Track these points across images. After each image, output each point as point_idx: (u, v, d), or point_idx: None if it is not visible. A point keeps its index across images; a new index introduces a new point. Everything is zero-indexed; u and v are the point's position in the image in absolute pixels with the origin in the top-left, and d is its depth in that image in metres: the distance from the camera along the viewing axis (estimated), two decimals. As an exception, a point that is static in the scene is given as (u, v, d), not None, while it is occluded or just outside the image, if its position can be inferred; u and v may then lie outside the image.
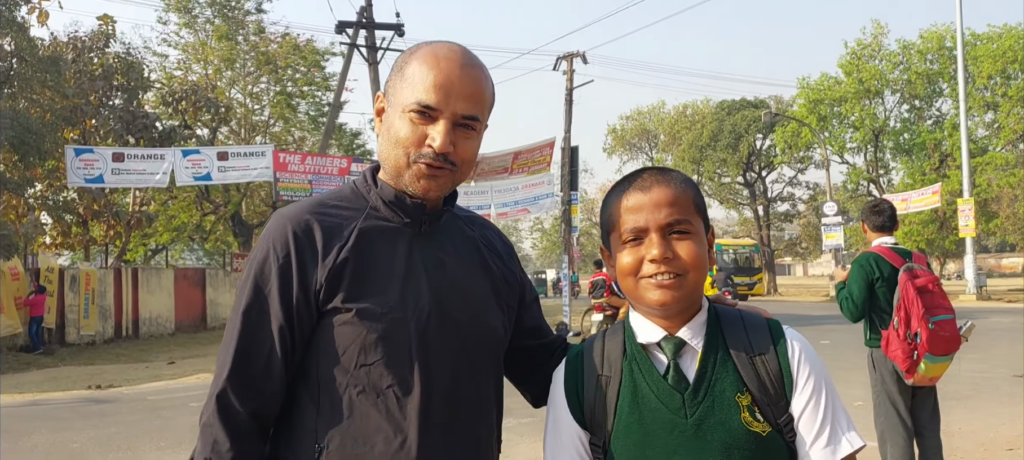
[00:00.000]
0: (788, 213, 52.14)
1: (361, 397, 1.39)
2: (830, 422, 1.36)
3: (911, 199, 31.52)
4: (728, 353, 1.39)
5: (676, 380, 1.38)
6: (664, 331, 1.41)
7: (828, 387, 1.39)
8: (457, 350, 1.45)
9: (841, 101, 39.33)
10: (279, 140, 31.80)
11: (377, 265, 1.43)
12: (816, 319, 22.13)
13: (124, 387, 12.30)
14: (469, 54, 1.48)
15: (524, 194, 20.58)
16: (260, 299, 1.40)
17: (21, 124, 18.46)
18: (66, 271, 20.86)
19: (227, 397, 1.38)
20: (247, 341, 1.40)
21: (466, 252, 1.55)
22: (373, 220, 1.47)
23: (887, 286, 4.56)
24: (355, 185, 1.54)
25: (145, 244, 34.05)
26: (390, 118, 1.46)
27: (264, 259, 1.42)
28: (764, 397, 1.37)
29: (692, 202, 1.42)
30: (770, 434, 1.35)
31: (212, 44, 31.15)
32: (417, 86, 1.43)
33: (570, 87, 25.90)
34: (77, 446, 7.70)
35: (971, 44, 35.40)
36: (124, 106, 23.96)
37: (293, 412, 1.43)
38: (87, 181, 18.24)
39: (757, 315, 1.48)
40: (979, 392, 8.91)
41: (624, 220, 1.41)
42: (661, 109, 56.47)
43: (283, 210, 1.48)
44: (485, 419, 1.52)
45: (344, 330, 1.40)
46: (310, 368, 1.43)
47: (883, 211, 4.86)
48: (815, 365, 1.40)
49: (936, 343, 4.29)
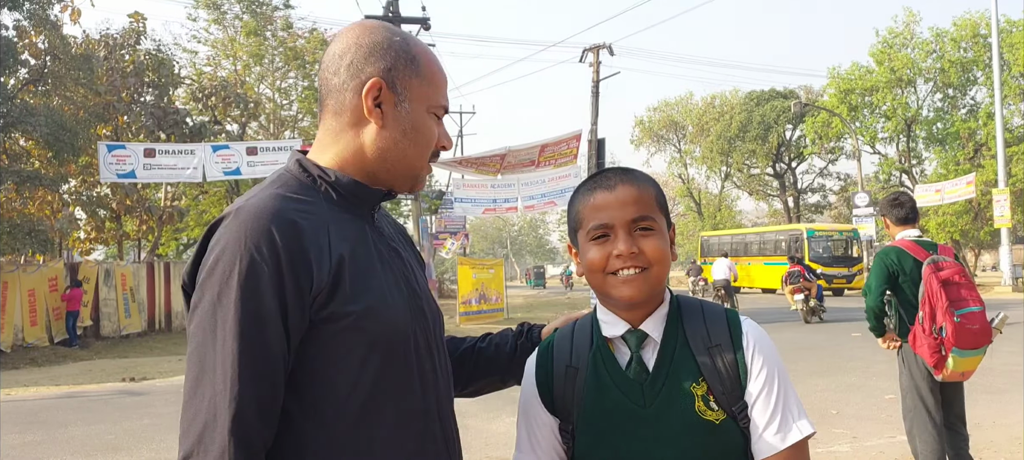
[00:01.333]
0: (819, 204, 51.58)
1: (363, 406, 1.29)
2: (781, 410, 1.42)
3: (945, 189, 31.03)
4: (686, 344, 1.46)
5: (637, 371, 1.45)
6: (628, 325, 1.48)
7: (781, 376, 1.45)
8: (432, 341, 1.45)
9: (872, 90, 38.77)
10: (307, 135, 32.02)
11: (364, 262, 1.34)
12: (847, 312, 21.89)
13: (157, 379, 12.50)
14: None
15: (551, 187, 20.53)
16: (254, 312, 1.21)
17: (55, 121, 18.78)
18: (101, 266, 21.21)
19: (244, 423, 1.18)
20: (250, 361, 1.20)
21: (402, 241, 1.54)
22: (333, 212, 1.35)
23: (911, 280, 4.49)
24: (294, 175, 1.39)
25: (177, 239, 34.46)
26: (413, 115, 1.41)
27: (249, 265, 1.21)
28: (719, 386, 1.43)
29: (654, 200, 1.48)
30: (724, 422, 1.42)
31: (241, 40, 31.44)
32: (439, 88, 1.45)
33: (596, 79, 25.81)
34: (111, 437, 7.84)
35: (1007, 31, 34.68)
36: (155, 102, 24.28)
37: (286, 432, 1.26)
38: (119, 176, 18.53)
39: (717, 305, 1.55)
40: (1014, 385, 8.76)
41: (591, 218, 1.48)
42: (689, 100, 56.04)
43: (251, 207, 1.27)
44: (453, 400, 1.53)
45: (342, 336, 1.28)
46: (302, 382, 1.27)
47: (903, 203, 4.77)
48: (769, 355, 1.46)
49: (963, 336, 4.17)
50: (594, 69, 25.99)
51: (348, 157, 1.40)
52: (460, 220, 33.66)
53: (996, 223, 29.66)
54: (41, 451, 7.39)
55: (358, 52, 1.40)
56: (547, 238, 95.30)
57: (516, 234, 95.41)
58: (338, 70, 1.41)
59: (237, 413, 1.18)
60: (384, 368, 1.31)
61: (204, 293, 1.24)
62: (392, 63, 1.40)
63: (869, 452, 6.24)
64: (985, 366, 4.88)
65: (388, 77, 1.39)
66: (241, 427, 1.18)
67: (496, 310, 23.54)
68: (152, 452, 7.15)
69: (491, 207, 21.25)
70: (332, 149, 1.41)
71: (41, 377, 13.26)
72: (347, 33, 1.45)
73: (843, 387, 9.23)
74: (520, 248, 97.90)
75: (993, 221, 30.23)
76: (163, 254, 31.52)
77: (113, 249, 30.03)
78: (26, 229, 19.23)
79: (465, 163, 21.21)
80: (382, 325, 1.31)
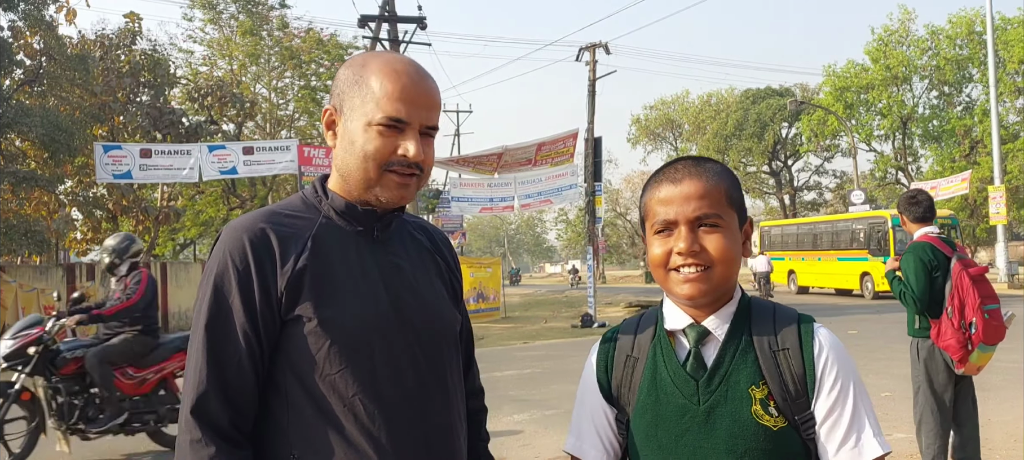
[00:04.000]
0: (815, 202, 51.69)
1: (329, 406, 1.41)
2: (855, 429, 1.36)
3: (940, 186, 31.08)
4: (751, 344, 1.41)
5: (694, 367, 1.41)
6: (691, 319, 1.44)
7: (856, 390, 1.38)
8: (417, 349, 1.50)
9: (868, 88, 38.86)
10: (304, 134, 32.03)
11: (335, 272, 1.46)
12: (843, 309, 21.94)
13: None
14: (420, 66, 1.53)
15: (548, 185, 20.54)
16: (223, 310, 1.40)
17: (51, 121, 18.76)
18: (97, 266, 21.19)
19: (205, 403, 1.37)
20: (216, 352, 1.39)
21: (418, 255, 1.61)
22: (327, 229, 1.49)
23: (942, 274, 4.52)
24: (304, 195, 1.56)
25: (173, 239, 34.46)
26: (352, 131, 1.47)
27: (223, 270, 1.41)
28: (783, 392, 1.37)
29: (725, 195, 1.42)
30: (783, 429, 1.36)
31: (237, 40, 31.42)
32: (382, 101, 1.46)
33: (593, 78, 25.80)
34: (108, 438, 7.81)
35: (1001, 28, 34.78)
36: (151, 102, 24.25)
37: (267, 422, 1.44)
38: (115, 177, 18.50)
39: (791, 311, 1.47)
40: (1012, 383, 8.78)
41: (655, 211, 1.44)
42: (685, 98, 56.13)
43: (235, 222, 1.48)
44: (455, 408, 1.57)
45: (307, 339, 1.42)
46: (278, 378, 1.43)
47: (921, 201, 4.81)
48: (843, 367, 1.39)
49: (990, 332, 4.29)
50: (591, 68, 25.99)
51: (335, 178, 1.55)
52: (457, 219, 33.65)
53: (991, 220, 29.74)
54: (37, 454, 7.36)
55: (332, 85, 1.56)
56: (544, 236, 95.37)
57: (514, 233, 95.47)
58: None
59: (199, 396, 1.37)
60: (346, 370, 1.42)
61: (197, 294, 1.46)
62: (342, 87, 1.51)
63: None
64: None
65: (337, 101, 1.52)
66: (201, 407, 1.37)
67: (493, 309, 23.55)
68: (151, 444, 7.14)
69: (488, 206, 21.26)
70: (332, 173, 1.57)
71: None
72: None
73: (840, 385, 9.21)
74: (517, 247, 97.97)
75: (989, 218, 30.31)
76: (160, 254, 31.51)
77: (109, 249, 29.97)
78: (22, 230, 19.23)
79: (462, 162, 21.21)
80: (342, 332, 1.42)
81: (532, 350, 14.96)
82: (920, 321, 4.67)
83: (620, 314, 23.39)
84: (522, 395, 8.81)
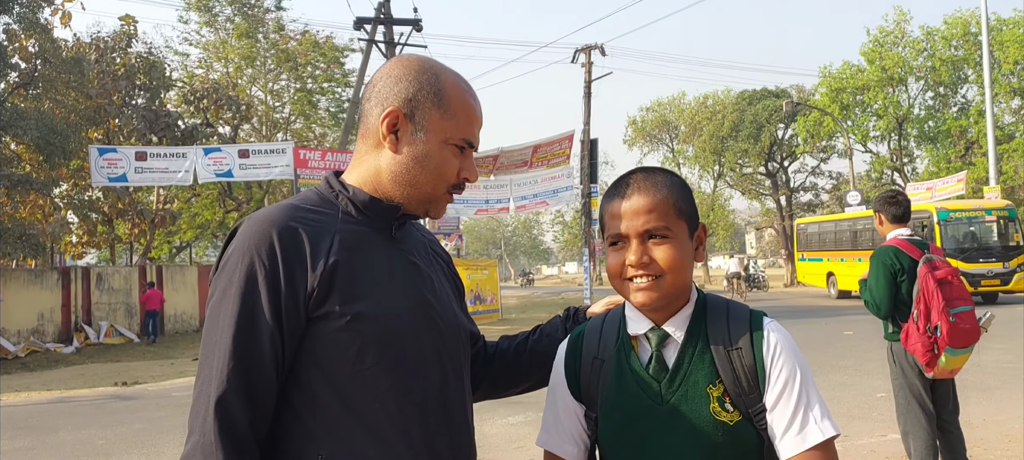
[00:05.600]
0: (811, 203, 51.64)
1: (359, 403, 1.40)
2: (802, 412, 1.42)
3: (936, 187, 31.10)
4: (707, 345, 1.48)
5: (657, 370, 1.49)
6: (651, 323, 1.52)
7: (803, 378, 1.45)
8: (441, 347, 1.52)
9: (864, 89, 38.86)
10: (300, 137, 32.01)
11: (365, 269, 1.44)
12: (839, 311, 21.96)
13: (149, 384, 12.46)
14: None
15: (544, 187, 20.56)
16: (248, 308, 1.35)
17: (46, 125, 18.72)
18: (93, 270, 21.18)
19: (227, 404, 1.31)
20: (241, 350, 1.34)
21: (426, 256, 1.63)
22: (348, 224, 1.48)
23: (908, 279, 4.51)
24: (320, 191, 1.53)
25: (169, 242, 34.38)
26: (428, 147, 1.49)
27: (249, 266, 1.36)
28: (737, 388, 1.45)
29: (672, 207, 1.49)
30: (739, 423, 1.44)
31: (232, 42, 31.39)
32: (462, 122, 1.51)
33: (588, 80, 25.83)
34: (102, 443, 7.81)
35: (997, 29, 34.84)
36: (146, 105, 24.21)
37: (289, 423, 1.40)
38: (111, 180, 18.47)
39: (743, 307, 1.55)
40: (1005, 383, 8.78)
41: (608, 225, 1.53)
42: (681, 100, 56.06)
43: (261, 215, 1.43)
44: (470, 408, 1.61)
45: (337, 336, 1.39)
46: (303, 377, 1.40)
47: (900, 202, 4.80)
48: (789, 358, 1.46)
49: (956, 336, 4.22)
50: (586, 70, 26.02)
51: (368, 176, 1.52)
52: (454, 221, 33.63)
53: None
54: (32, 457, 7.35)
55: (387, 82, 1.51)
56: (541, 239, 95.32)
57: (510, 235, 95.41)
58: (371, 96, 1.53)
59: (221, 396, 1.31)
60: (378, 367, 1.40)
61: (215, 289, 1.40)
62: (414, 94, 1.49)
63: (860, 451, 6.25)
64: (977, 363, 4.90)
65: (407, 107, 1.49)
66: (223, 408, 1.31)
67: (492, 311, 23.54)
68: (144, 457, 7.13)
69: (483, 208, 21.26)
70: (358, 168, 1.54)
71: (33, 382, 13.20)
72: (387, 63, 1.57)
73: (834, 385, 9.25)
74: (514, 249, 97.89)
75: (984, 218, 30.30)
76: (156, 257, 31.43)
77: (105, 253, 29.93)
78: (17, 233, 19.17)
79: (458, 164, 21.18)
80: (376, 327, 1.40)
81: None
82: (892, 325, 4.67)
83: (616, 316, 23.40)
84: (516, 397, 8.94)
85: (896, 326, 4.62)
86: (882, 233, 4.88)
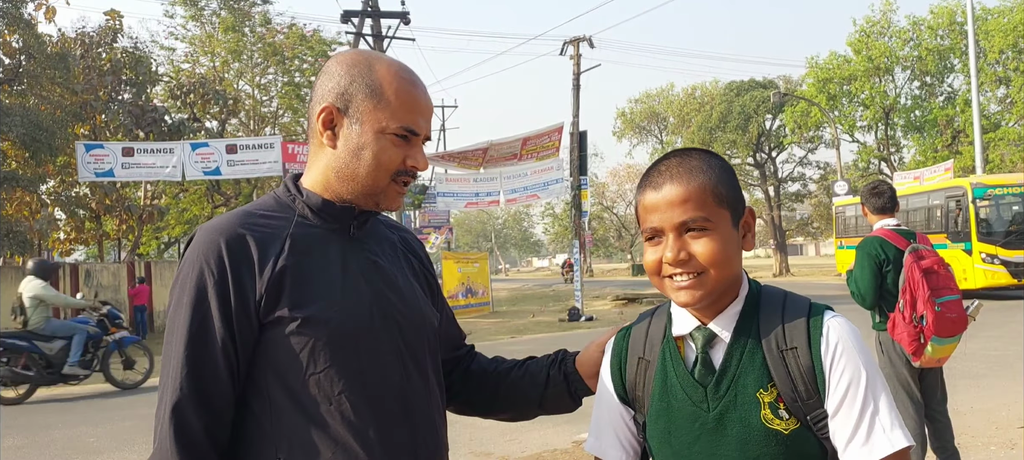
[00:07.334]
0: (799, 193, 51.92)
1: (314, 405, 1.40)
2: (868, 419, 1.28)
3: (923, 176, 31.28)
4: (759, 345, 1.34)
5: (702, 373, 1.37)
6: (697, 322, 1.40)
7: (869, 381, 1.30)
8: (401, 346, 1.50)
9: (850, 79, 39.02)
10: (288, 131, 31.86)
11: (315, 272, 1.45)
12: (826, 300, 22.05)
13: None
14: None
15: (533, 180, 20.55)
16: (200, 317, 1.38)
17: (31, 121, 18.58)
18: (81, 266, 21.06)
19: (181, 411, 1.35)
20: (194, 358, 1.37)
21: (392, 253, 1.61)
22: (303, 227, 1.48)
23: (894, 269, 4.54)
24: (277, 195, 1.54)
25: (158, 238, 34.23)
26: (363, 138, 1.46)
27: (199, 275, 1.39)
28: (792, 393, 1.31)
29: (711, 194, 1.34)
30: (796, 431, 1.30)
31: (219, 36, 31.17)
32: (399, 111, 1.47)
33: (577, 72, 25.82)
34: (93, 441, 7.78)
35: (982, 19, 35.03)
36: (133, 100, 24.05)
37: (248, 426, 1.42)
38: (98, 176, 18.35)
39: (803, 299, 1.40)
40: (993, 370, 8.87)
41: (642, 219, 1.39)
42: (670, 91, 56.19)
43: (211, 224, 1.46)
44: (437, 407, 1.58)
45: (289, 340, 1.40)
46: (260, 382, 1.41)
47: (883, 193, 4.82)
48: (852, 357, 1.31)
49: (942, 325, 4.24)
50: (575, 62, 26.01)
51: (318, 177, 1.52)
52: (443, 214, 33.60)
53: (974, 209, 29.92)
54: (23, 455, 7.32)
55: (323, 79, 1.51)
56: (531, 231, 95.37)
57: (501, 228, 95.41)
58: (313, 97, 1.52)
59: (176, 404, 1.35)
60: (332, 369, 1.41)
61: (171, 299, 1.44)
62: (346, 88, 1.48)
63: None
64: (966, 352, 4.94)
65: (341, 102, 1.48)
66: (178, 415, 1.35)
67: (483, 304, 23.55)
68: (135, 454, 7.11)
69: (473, 201, 21.25)
70: (311, 170, 1.54)
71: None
72: (326, 63, 1.55)
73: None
74: (505, 241, 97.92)
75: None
76: (144, 253, 31.29)
77: (93, 249, 29.76)
78: (4, 230, 19.05)
79: (447, 157, 21.18)
80: (327, 330, 1.41)
81: (520, 344, 14.99)
82: (878, 316, 4.70)
83: (607, 308, 23.45)
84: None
85: (883, 316, 4.66)
86: (869, 224, 4.91)
